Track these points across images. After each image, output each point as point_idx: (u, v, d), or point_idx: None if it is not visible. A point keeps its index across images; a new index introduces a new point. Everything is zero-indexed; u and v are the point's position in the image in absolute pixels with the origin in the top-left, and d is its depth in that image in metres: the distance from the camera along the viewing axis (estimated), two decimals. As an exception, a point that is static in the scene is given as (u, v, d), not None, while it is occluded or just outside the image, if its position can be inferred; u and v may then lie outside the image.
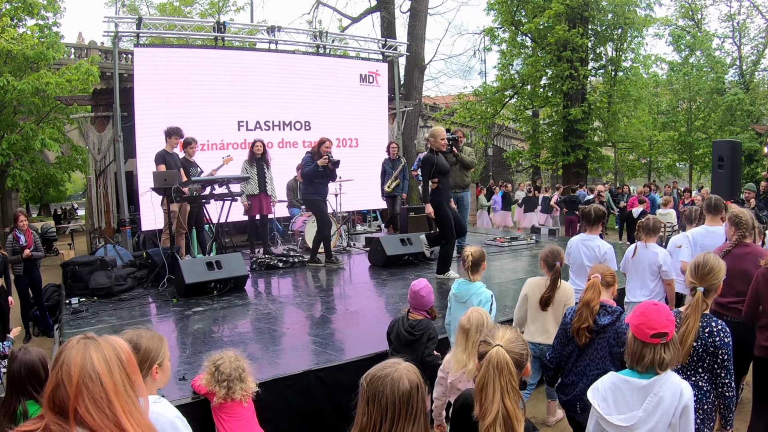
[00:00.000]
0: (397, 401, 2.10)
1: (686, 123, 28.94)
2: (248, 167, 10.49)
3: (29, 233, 8.97)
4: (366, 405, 2.15)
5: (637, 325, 2.82)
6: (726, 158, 11.34)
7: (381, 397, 2.11)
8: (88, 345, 1.71)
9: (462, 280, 5.09)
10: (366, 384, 2.17)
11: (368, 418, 2.13)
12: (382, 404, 2.11)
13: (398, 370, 2.17)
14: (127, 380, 1.72)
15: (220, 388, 3.83)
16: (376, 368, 2.22)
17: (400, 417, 2.11)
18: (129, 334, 2.72)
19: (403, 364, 2.22)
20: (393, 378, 2.13)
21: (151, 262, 9.01)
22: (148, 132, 11.25)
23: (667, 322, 2.81)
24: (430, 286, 4.70)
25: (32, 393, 3.23)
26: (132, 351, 2.48)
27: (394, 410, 2.10)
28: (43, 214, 40.49)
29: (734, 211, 5.18)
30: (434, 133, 8.49)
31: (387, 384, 2.12)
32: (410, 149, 20.49)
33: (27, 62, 16.74)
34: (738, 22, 29.95)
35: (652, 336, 2.77)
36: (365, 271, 9.75)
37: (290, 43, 14.28)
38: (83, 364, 1.65)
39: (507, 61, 25.85)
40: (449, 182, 8.66)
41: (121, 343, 1.79)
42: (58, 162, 20.20)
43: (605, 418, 2.83)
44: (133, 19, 11.94)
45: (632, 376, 2.84)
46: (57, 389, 1.63)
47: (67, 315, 7.06)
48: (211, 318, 6.80)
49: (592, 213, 6.10)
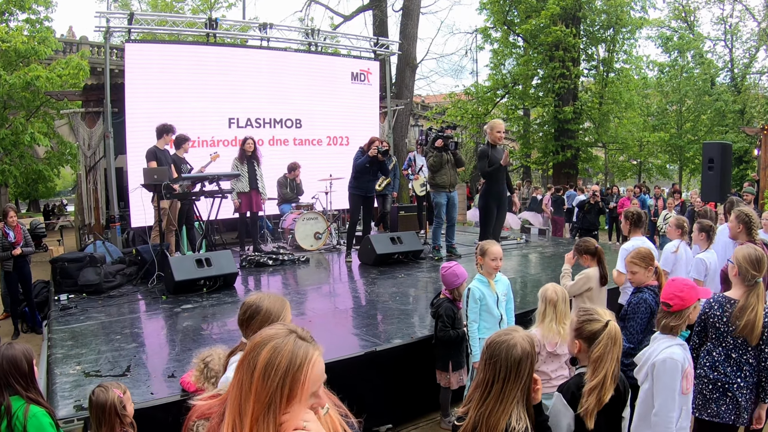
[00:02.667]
0: (510, 365, 2.43)
1: (676, 125, 29.09)
2: (239, 164, 10.48)
3: (18, 229, 8.92)
4: (484, 364, 2.52)
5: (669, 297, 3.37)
6: (716, 160, 11.37)
7: (496, 360, 2.46)
8: (288, 339, 1.60)
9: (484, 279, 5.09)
10: (486, 346, 2.53)
11: (484, 376, 2.49)
12: (497, 366, 2.45)
13: (514, 337, 2.50)
14: (282, 394, 1.52)
15: (209, 385, 3.83)
16: (497, 333, 2.58)
17: (509, 379, 2.43)
18: (253, 297, 2.91)
19: (520, 332, 2.56)
20: (508, 344, 2.46)
21: (141, 259, 8.99)
22: (139, 128, 11.21)
23: (673, 296, 3.33)
24: (456, 269, 5.18)
25: (16, 388, 3.24)
26: (253, 312, 2.75)
27: (506, 372, 2.43)
28: (33, 210, 40.25)
29: (743, 209, 5.40)
30: (492, 125, 8.36)
31: (503, 349, 2.46)
32: (401, 148, 20.47)
33: (18, 57, 16.64)
34: (730, 25, 30.12)
35: (663, 304, 3.38)
36: (355, 269, 9.77)
37: (282, 40, 14.26)
38: (272, 349, 1.55)
39: (499, 61, 25.91)
40: (502, 177, 8.52)
41: (314, 356, 1.62)
42: (47, 157, 20.10)
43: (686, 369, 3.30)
44: (124, 15, 11.89)
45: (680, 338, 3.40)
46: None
47: (55, 311, 7.04)
48: (200, 315, 6.79)
49: (634, 216, 6.15)
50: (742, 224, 5.47)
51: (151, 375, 4.75)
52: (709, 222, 6.08)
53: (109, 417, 3.23)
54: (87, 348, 5.50)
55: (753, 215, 5.54)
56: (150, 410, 4.12)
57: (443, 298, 5.25)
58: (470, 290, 4.97)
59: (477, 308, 4.92)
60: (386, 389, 5.27)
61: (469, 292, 4.96)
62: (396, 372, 5.36)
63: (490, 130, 8.28)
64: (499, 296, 5.01)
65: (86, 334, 6.02)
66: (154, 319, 6.82)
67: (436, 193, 9.80)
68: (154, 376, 4.71)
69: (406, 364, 5.42)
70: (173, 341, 5.79)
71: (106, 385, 3.36)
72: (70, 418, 3.80)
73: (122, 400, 3.32)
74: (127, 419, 3.33)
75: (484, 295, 4.94)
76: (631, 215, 6.08)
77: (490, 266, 4.98)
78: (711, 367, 3.80)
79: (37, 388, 3.38)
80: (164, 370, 4.82)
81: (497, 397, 2.45)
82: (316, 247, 11.47)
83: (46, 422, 3.22)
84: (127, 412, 3.35)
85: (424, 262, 10.07)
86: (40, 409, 3.25)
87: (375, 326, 6.28)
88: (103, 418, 3.24)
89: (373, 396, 5.15)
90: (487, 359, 2.51)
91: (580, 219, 14.96)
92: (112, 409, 3.24)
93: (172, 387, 4.39)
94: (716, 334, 3.81)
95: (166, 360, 5.15)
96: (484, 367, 2.53)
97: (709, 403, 3.77)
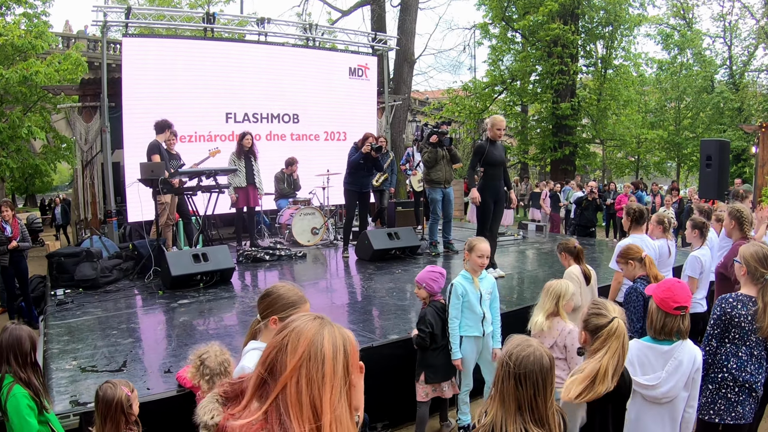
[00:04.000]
0: (546, 374, 2.38)
1: (674, 122, 29.10)
2: (236, 160, 10.47)
3: (15, 223, 8.88)
4: (518, 383, 2.37)
5: (662, 299, 3.23)
6: (714, 157, 11.37)
7: (530, 375, 2.36)
8: (323, 324, 1.59)
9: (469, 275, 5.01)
10: (514, 364, 2.39)
11: (523, 394, 2.36)
12: (533, 379, 2.35)
13: (536, 348, 2.43)
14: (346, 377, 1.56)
15: (204, 382, 3.82)
16: (518, 348, 2.44)
17: (546, 388, 2.38)
18: (287, 285, 3.04)
19: (534, 341, 2.49)
20: (535, 356, 2.39)
21: (138, 253, 8.97)
22: (136, 123, 11.19)
23: (688, 297, 3.25)
24: (433, 273, 5.00)
25: (12, 365, 3.34)
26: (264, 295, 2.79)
27: (545, 383, 2.37)
28: (29, 204, 40.15)
29: (735, 206, 5.40)
30: (493, 121, 8.27)
31: (536, 363, 2.37)
32: (398, 143, 20.49)
33: (15, 51, 16.56)
34: (729, 22, 30.11)
35: (676, 308, 3.19)
36: (352, 264, 9.76)
37: (280, 35, 14.23)
38: (314, 339, 1.54)
39: (497, 57, 25.90)
40: (499, 174, 8.45)
41: (350, 335, 1.63)
42: (43, 152, 20.03)
43: (632, 378, 3.13)
44: (122, 9, 11.86)
45: (654, 343, 3.28)
46: (278, 352, 1.53)
47: (52, 306, 7.04)
48: (197, 310, 6.79)
49: (636, 213, 6.11)
50: (734, 220, 5.47)
51: (147, 370, 4.74)
52: (702, 219, 6.04)
53: (115, 413, 3.25)
54: (83, 343, 5.49)
55: (745, 211, 5.51)
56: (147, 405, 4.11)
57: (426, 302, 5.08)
58: (453, 286, 4.93)
59: (459, 304, 4.87)
60: (382, 386, 5.25)
61: (452, 288, 4.92)
62: (392, 369, 5.33)
63: (490, 126, 8.22)
64: (482, 294, 4.93)
65: (83, 329, 6.01)
66: (151, 315, 6.81)
67: (432, 189, 9.77)
68: (151, 372, 4.70)
69: (402, 361, 5.39)
70: (170, 336, 5.78)
71: (114, 382, 3.37)
72: (66, 413, 3.79)
73: (129, 399, 3.33)
74: (132, 417, 3.35)
75: (466, 291, 4.88)
76: (633, 212, 6.04)
77: (476, 263, 4.91)
78: (739, 368, 3.66)
79: (36, 369, 3.44)
80: (161, 366, 4.82)
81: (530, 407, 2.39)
82: (313, 243, 11.45)
83: (23, 404, 3.27)
84: (133, 410, 3.37)
85: (421, 257, 10.07)
86: (23, 390, 3.30)
87: (372, 322, 6.28)
88: (109, 414, 3.25)
89: (368, 392, 5.14)
90: (521, 377, 2.37)
91: (578, 216, 14.95)
92: (118, 406, 3.26)
93: (169, 382, 4.38)
94: (740, 334, 3.67)
95: (163, 355, 5.14)
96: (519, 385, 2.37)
97: (734, 406, 3.64)
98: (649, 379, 3.23)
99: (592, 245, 11.63)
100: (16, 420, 3.24)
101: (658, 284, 3.41)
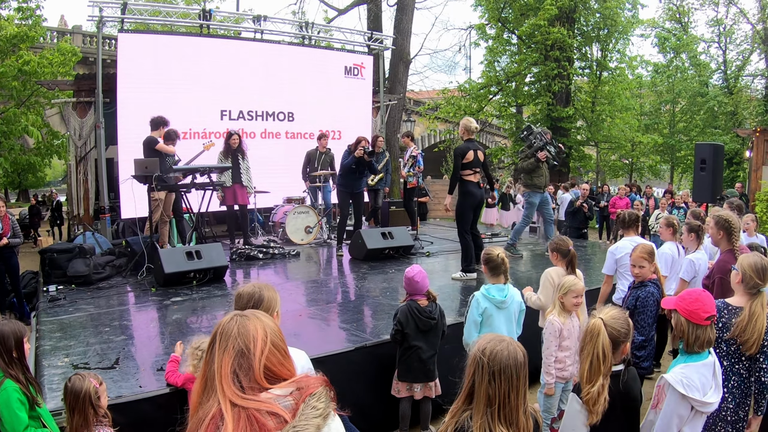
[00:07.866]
0: (520, 370, 2.32)
1: (669, 125, 29.19)
2: (223, 159, 10.50)
3: (6, 219, 8.81)
4: (491, 378, 2.30)
5: (691, 311, 3.15)
6: (708, 161, 11.42)
7: (506, 369, 2.30)
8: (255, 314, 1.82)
9: (497, 286, 4.80)
10: (488, 361, 2.32)
11: (496, 390, 2.29)
12: (507, 374, 2.29)
13: (509, 342, 2.38)
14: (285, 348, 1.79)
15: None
16: (490, 344, 2.37)
17: (520, 383, 2.32)
18: (249, 287, 3.04)
19: (507, 337, 2.44)
20: (509, 351, 2.33)
21: (131, 250, 8.95)
22: (130, 119, 11.18)
23: (714, 305, 3.22)
24: (423, 271, 4.92)
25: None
26: (257, 300, 2.90)
27: (518, 379, 2.31)
28: (22, 199, 39.99)
29: (721, 214, 5.20)
30: (464, 124, 8.24)
31: (510, 358, 2.31)
32: (393, 143, 20.48)
33: (8, 43, 16.45)
34: (724, 27, 30.24)
35: (707, 318, 3.13)
36: (345, 264, 9.76)
37: (276, 33, 14.21)
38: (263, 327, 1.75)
39: (493, 58, 25.93)
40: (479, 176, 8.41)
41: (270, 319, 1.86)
42: (36, 147, 19.95)
43: (703, 401, 3.05)
44: (117, 4, 11.79)
45: (698, 359, 3.15)
46: (241, 356, 1.65)
47: (44, 302, 7.00)
48: (189, 308, 6.77)
49: (627, 217, 6.16)
50: (722, 230, 5.06)
51: (139, 368, 4.72)
52: (698, 222, 6.05)
53: (83, 405, 3.28)
54: (75, 340, 5.47)
55: (732, 219, 5.08)
56: (139, 403, 4.11)
57: (434, 303, 4.96)
58: (475, 298, 4.74)
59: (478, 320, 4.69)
60: (377, 385, 5.25)
61: (474, 301, 4.74)
62: (385, 368, 5.33)
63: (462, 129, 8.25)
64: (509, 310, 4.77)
65: (75, 326, 5.98)
66: (144, 312, 6.79)
67: (531, 193, 9.82)
68: (143, 369, 4.69)
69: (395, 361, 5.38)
70: (162, 334, 5.76)
71: (83, 374, 3.40)
72: (58, 410, 3.77)
73: (97, 391, 3.36)
74: (100, 410, 3.38)
75: (489, 310, 4.68)
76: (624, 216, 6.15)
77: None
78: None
79: (23, 365, 3.42)
80: (153, 363, 4.80)
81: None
82: (306, 241, 11.45)
83: (14, 397, 3.26)
84: (101, 403, 3.39)
85: (414, 257, 10.08)
86: (13, 384, 3.30)
87: (365, 321, 6.28)
88: (77, 407, 3.29)
89: (363, 392, 5.14)
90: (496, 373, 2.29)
91: (570, 217, 14.96)
92: (86, 398, 3.29)
93: (161, 380, 4.37)
94: None
95: (155, 353, 5.13)
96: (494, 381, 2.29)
97: None
98: (710, 396, 3.10)
99: (585, 247, 11.64)
100: (7, 414, 3.23)
101: (680, 297, 3.31)
